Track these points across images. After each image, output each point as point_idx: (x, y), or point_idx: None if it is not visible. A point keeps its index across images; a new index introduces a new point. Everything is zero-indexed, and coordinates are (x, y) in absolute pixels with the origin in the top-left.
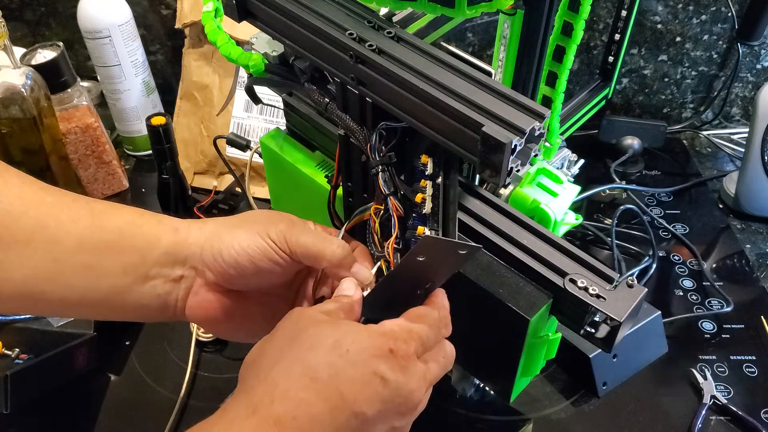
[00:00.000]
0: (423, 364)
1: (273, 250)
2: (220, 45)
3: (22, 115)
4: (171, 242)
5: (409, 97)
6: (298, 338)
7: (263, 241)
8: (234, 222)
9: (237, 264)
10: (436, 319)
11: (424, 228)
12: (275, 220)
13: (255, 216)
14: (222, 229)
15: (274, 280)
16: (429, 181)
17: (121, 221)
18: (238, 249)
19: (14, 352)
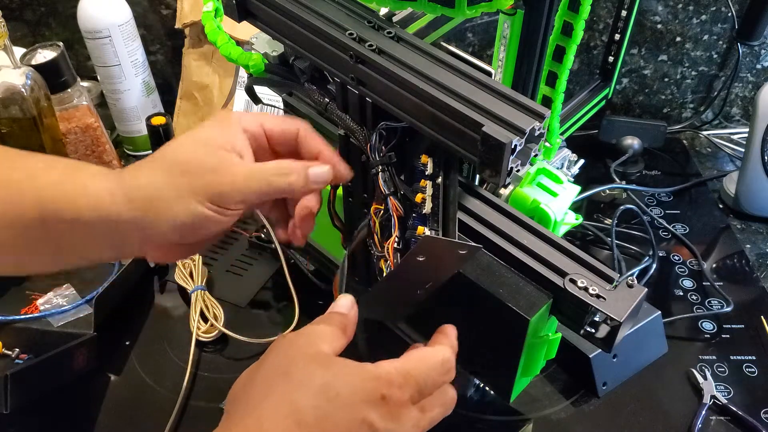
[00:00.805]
0: (418, 411)
1: (217, 215)
2: (220, 45)
3: (22, 115)
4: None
5: (409, 97)
6: (288, 374)
7: (203, 210)
8: (161, 193)
9: (182, 239)
10: (438, 363)
11: (424, 228)
12: (202, 172)
13: (179, 173)
14: (151, 211)
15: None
16: (429, 181)
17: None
18: (180, 228)
19: (14, 352)
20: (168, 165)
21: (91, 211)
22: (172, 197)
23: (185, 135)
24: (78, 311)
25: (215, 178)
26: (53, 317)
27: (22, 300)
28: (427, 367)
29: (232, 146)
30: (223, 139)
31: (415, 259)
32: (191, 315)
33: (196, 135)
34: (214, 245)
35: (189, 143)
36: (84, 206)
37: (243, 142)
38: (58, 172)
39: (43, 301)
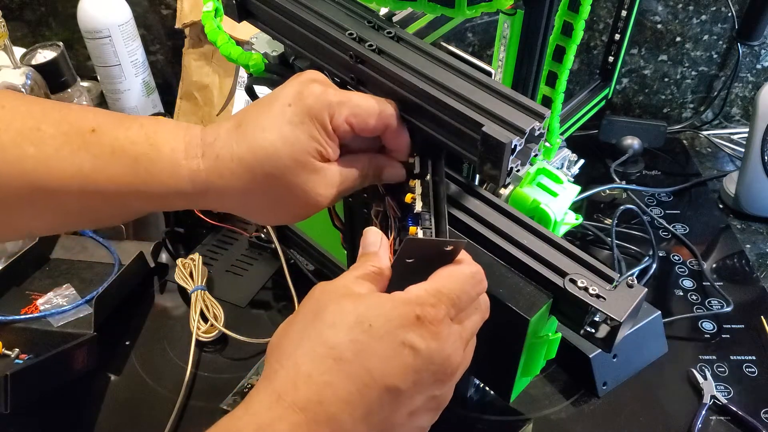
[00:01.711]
0: (458, 324)
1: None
2: (220, 45)
3: None
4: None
5: (409, 97)
6: (320, 316)
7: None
8: (245, 200)
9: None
10: (468, 276)
11: (417, 228)
12: (287, 189)
13: (262, 182)
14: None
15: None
16: (418, 180)
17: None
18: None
19: (14, 352)
20: (252, 170)
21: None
22: (253, 208)
23: (270, 125)
24: (78, 311)
25: (305, 194)
26: (53, 317)
27: (22, 300)
28: (458, 282)
29: (322, 153)
30: (312, 146)
31: (404, 261)
32: (191, 315)
33: (284, 133)
34: (214, 245)
35: (278, 143)
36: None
37: (330, 146)
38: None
39: (43, 301)
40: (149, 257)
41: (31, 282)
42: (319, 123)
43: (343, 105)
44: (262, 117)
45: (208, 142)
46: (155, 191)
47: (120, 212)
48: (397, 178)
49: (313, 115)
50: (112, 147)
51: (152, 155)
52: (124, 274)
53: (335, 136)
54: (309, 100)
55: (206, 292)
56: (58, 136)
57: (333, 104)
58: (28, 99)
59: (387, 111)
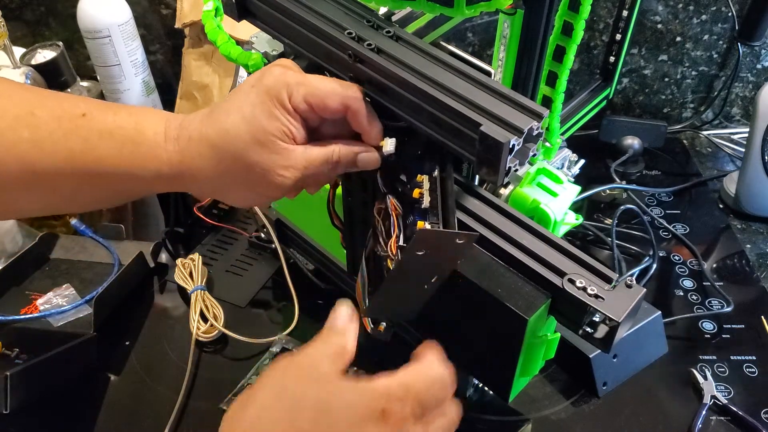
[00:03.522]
0: (421, 426)
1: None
2: (220, 44)
3: None
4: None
5: (408, 97)
6: (282, 398)
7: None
8: (213, 185)
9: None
10: (438, 376)
11: (424, 223)
12: (253, 170)
13: (228, 168)
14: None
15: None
16: (425, 176)
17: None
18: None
19: (14, 352)
20: (218, 151)
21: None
22: (224, 190)
23: (233, 108)
24: (78, 311)
25: (266, 174)
26: (53, 317)
27: (22, 300)
28: (427, 381)
29: (282, 131)
30: (273, 126)
31: (415, 254)
32: (191, 315)
33: (245, 113)
34: (213, 245)
35: (239, 123)
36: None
37: (291, 123)
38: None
39: (43, 301)
40: (149, 257)
41: (31, 282)
42: (278, 102)
43: (300, 85)
44: (228, 101)
45: (184, 127)
46: (139, 173)
47: (108, 194)
48: (372, 165)
49: (272, 95)
50: (101, 131)
51: (137, 139)
52: (124, 274)
53: (296, 115)
54: (268, 80)
55: (206, 292)
56: (52, 121)
57: (291, 84)
58: (24, 87)
59: (348, 93)
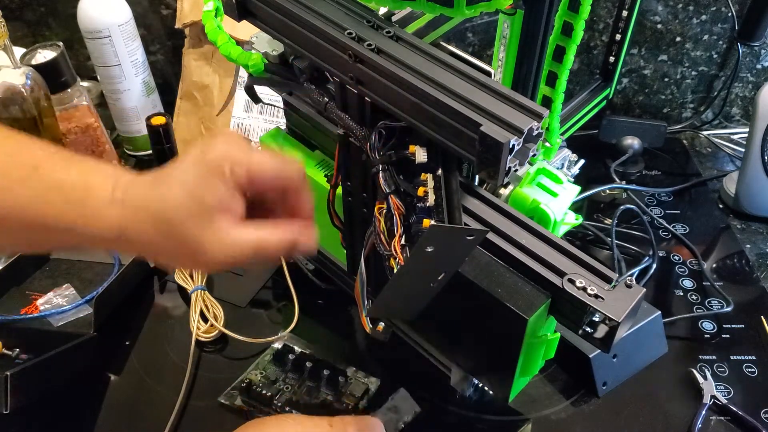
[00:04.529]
0: None
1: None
2: (220, 44)
3: (22, 115)
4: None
5: (408, 97)
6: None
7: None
8: (151, 248)
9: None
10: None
11: (430, 220)
12: (187, 242)
13: (165, 232)
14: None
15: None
16: (429, 174)
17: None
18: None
19: (14, 352)
20: (157, 221)
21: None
22: (164, 257)
23: (175, 180)
24: (78, 311)
25: (197, 251)
26: (53, 317)
27: (22, 300)
28: None
29: (222, 205)
30: (212, 198)
31: (424, 250)
32: (191, 315)
33: (186, 185)
34: None
35: (180, 194)
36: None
37: (232, 198)
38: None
39: (43, 301)
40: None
41: (31, 282)
42: (220, 175)
43: (243, 159)
44: (172, 171)
45: (130, 192)
46: (81, 231)
47: (60, 245)
48: (309, 252)
49: (214, 168)
50: (50, 186)
51: (84, 198)
52: (124, 274)
53: (237, 189)
54: (211, 154)
55: (206, 292)
56: (3, 167)
57: (234, 158)
58: None
59: (290, 169)
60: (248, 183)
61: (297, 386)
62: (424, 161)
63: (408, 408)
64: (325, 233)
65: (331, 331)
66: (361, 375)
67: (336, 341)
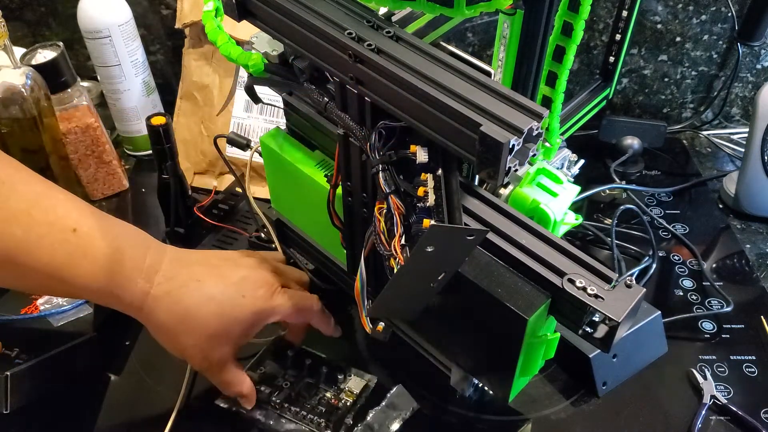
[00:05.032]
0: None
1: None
2: (220, 45)
3: (22, 115)
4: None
5: (408, 97)
6: None
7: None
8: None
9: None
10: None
11: (430, 220)
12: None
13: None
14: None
15: None
16: (430, 174)
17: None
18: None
19: (14, 352)
20: (174, 323)
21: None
22: (160, 339)
23: (216, 303)
24: (78, 311)
25: (192, 359)
26: (53, 317)
27: (22, 300)
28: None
29: (236, 345)
30: (237, 344)
31: (424, 250)
32: None
33: (223, 317)
34: (214, 245)
35: (212, 320)
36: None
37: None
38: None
39: (43, 301)
40: None
41: None
42: (258, 326)
43: (282, 307)
44: (218, 288)
45: (163, 273)
46: (104, 294)
47: (85, 298)
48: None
49: (255, 320)
50: (85, 252)
51: (115, 268)
52: None
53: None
54: (258, 303)
55: None
56: (44, 225)
57: (275, 308)
58: (26, 177)
59: (310, 307)
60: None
61: (296, 383)
62: (425, 161)
63: (406, 404)
64: (325, 233)
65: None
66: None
67: (336, 341)
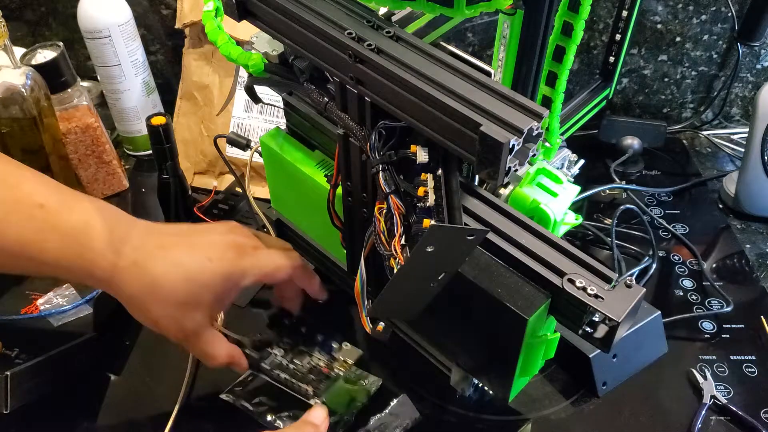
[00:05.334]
0: None
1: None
2: (220, 45)
3: (22, 115)
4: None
5: (408, 97)
6: None
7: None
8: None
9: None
10: None
11: (430, 220)
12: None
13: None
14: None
15: None
16: (430, 174)
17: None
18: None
19: (14, 352)
20: (146, 292)
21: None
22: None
23: (183, 270)
24: (78, 311)
25: (166, 329)
26: (53, 317)
27: (22, 300)
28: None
29: (211, 312)
30: (212, 310)
31: (424, 250)
32: None
33: (193, 281)
34: None
35: (180, 285)
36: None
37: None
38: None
39: (43, 301)
40: None
41: (31, 282)
42: (233, 289)
43: (254, 267)
44: (184, 254)
45: (133, 244)
46: (74, 269)
47: (54, 276)
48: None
49: (225, 284)
50: (54, 227)
51: (83, 242)
52: None
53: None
54: (225, 265)
55: None
56: (10, 203)
57: (246, 268)
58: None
59: (287, 264)
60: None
61: (290, 350)
62: (425, 161)
63: (408, 414)
64: (325, 233)
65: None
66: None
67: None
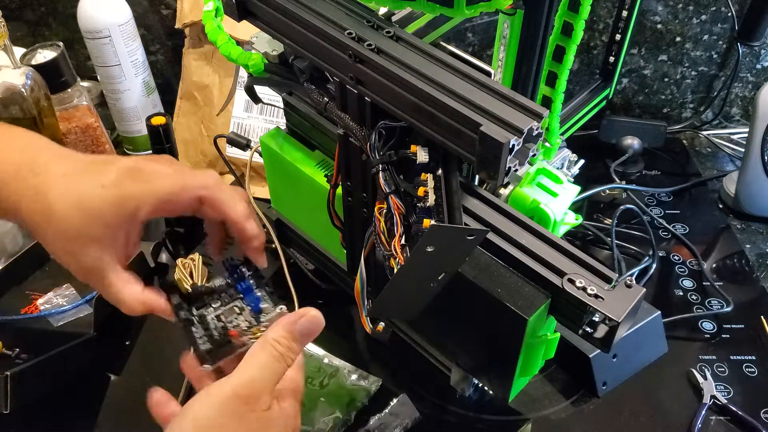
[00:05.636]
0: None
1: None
2: (220, 45)
3: (22, 115)
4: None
5: (408, 97)
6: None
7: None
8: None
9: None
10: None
11: (430, 220)
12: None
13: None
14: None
15: None
16: (430, 174)
17: None
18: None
19: (14, 352)
20: (51, 223)
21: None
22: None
23: (86, 200)
24: (78, 311)
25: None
26: (53, 317)
27: (22, 300)
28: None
29: (111, 249)
30: (103, 238)
31: (425, 250)
32: None
33: (86, 208)
34: None
35: (77, 219)
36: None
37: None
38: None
39: (43, 301)
40: (149, 257)
41: (31, 282)
42: (122, 226)
43: (151, 195)
44: (81, 180)
45: (34, 171)
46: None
47: None
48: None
49: (118, 213)
50: None
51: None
52: None
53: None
54: (116, 191)
55: None
56: None
57: (143, 197)
58: None
59: (196, 183)
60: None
61: (226, 304)
62: (425, 161)
63: (408, 413)
64: (325, 233)
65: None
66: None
67: (336, 341)
